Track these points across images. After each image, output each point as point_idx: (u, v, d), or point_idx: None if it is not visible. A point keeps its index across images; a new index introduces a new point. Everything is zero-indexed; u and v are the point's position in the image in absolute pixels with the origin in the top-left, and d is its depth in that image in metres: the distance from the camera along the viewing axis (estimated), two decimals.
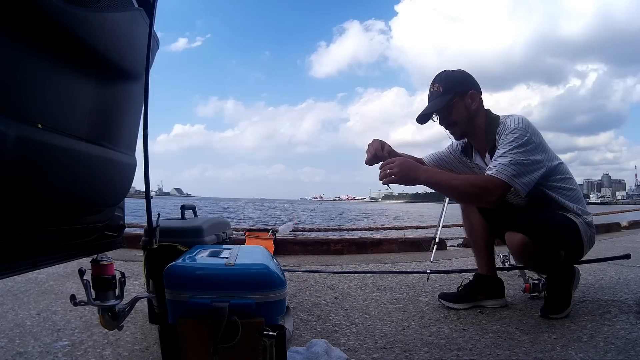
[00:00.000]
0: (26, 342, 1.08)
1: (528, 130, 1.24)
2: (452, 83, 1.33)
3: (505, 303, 1.46)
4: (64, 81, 0.69)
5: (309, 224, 7.47)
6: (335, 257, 2.90)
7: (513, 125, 1.25)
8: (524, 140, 1.21)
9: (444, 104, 1.32)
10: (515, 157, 1.19)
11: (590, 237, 1.36)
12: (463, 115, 1.34)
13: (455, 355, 1.03)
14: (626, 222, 4.69)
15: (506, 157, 1.20)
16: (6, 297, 1.52)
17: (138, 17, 0.89)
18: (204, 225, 1.19)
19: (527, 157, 1.21)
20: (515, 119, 1.28)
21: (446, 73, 1.36)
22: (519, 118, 1.28)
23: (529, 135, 1.23)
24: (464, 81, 1.35)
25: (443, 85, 1.33)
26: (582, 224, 1.32)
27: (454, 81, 1.34)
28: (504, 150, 1.22)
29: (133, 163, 0.98)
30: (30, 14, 0.57)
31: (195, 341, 0.68)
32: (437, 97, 1.34)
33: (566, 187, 1.35)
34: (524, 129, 1.24)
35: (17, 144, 0.56)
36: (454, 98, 1.32)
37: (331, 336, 1.17)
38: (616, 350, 1.02)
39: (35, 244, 0.71)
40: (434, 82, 1.36)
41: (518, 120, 1.27)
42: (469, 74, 1.39)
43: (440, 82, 1.34)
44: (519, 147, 1.21)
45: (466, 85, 1.34)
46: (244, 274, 0.72)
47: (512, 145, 1.21)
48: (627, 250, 1.98)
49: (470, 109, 1.34)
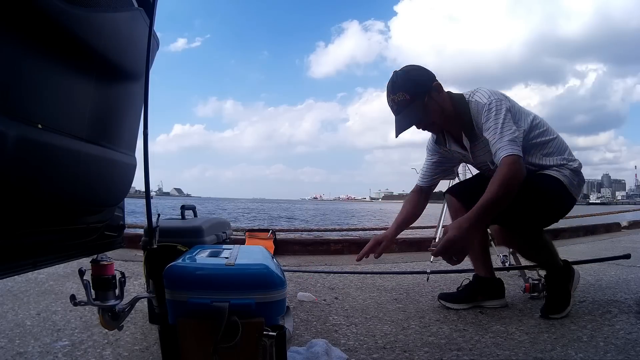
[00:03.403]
0: (26, 342, 1.08)
1: (499, 97, 1.24)
2: (416, 85, 1.26)
3: (506, 303, 1.46)
4: (63, 81, 0.69)
5: (309, 223, 7.47)
6: (335, 257, 2.90)
7: (486, 99, 1.23)
8: (503, 110, 1.21)
9: (420, 111, 1.26)
10: (509, 130, 1.18)
11: (578, 183, 1.35)
12: (438, 112, 1.29)
13: (455, 355, 1.03)
14: (626, 222, 4.69)
15: (505, 134, 1.18)
16: (6, 297, 1.52)
17: (138, 17, 0.89)
18: (204, 225, 1.19)
19: (513, 124, 1.21)
20: (483, 93, 1.26)
21: (402, 77, 1.27)
22: (485, 92, 1.26)
23: (503, 103, 1.23)
24: (424, 77, 1.29)
25: (408, 92, 1.24)
26: (565, 176, 1.30)
27: (416, 82, 1.26)
28: (497, 127, 1.20)
29: (133, 163, 0.98)
30: (30, 14, 0.57)
31: (195, 341, 0.68)
32: (407, 106, 1.25)
33: (545, 141, 1.33)
34: (497, 100, 1.23)
35: (17, 144, 0.56)
36: (425, 99, 1.26)
37: (331, 336, 1.17)
38: (616, 350, 1.02)
39: (35, 244, 0.71)
40: (395, 91, 1.26)
41: (487, 93, 1.25)
42: (420, 66, 1.33)
43: (402, 88, 1.25)
44: (505, 119, 1.20)
45: (428, 81, 1.28)
46: (244, 274, 0.72)
47: (500, 121, 1.20)
48: (627, 250, 1.98)
49: (441, 103, 1.29)
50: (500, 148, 1.17)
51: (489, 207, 1.12)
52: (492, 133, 1.20)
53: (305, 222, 17.17)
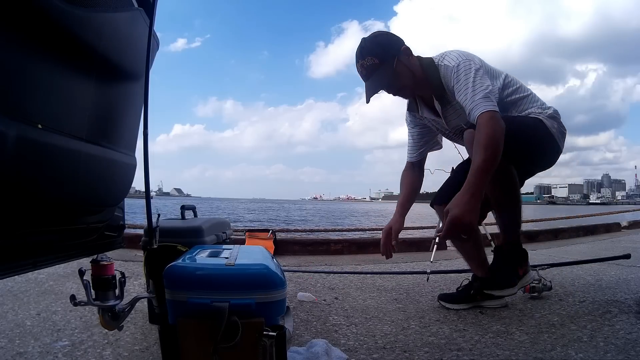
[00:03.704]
0: (26, 342, 1.08)
1: (467, 57, 1.22)
2: (384, 49, 1.25)
3: (506, 303, 1.46)
4: (64, 81, 0.69)
5: (309, 223, 7.47)
6: (335, 257, 2.90)
7: (454, 62, 1.22)
8: (473, 69, 1.19)
9: (390, 74, 1.25)
10: (481, 87, 1.16)
11: (558, 128, 1.35)
12: (407, 75, 1.28)
13: (455, 355, 1.03)
14: (626, 222, 4.68)
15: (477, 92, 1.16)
16: (6, 297, 1.52)
17: (138, 17, 0.89)
18: (204, 225, 1.19)
19: (485, 80, 1.19)
20: (451, 57, 1.24)
21: (370, 42, 1.26)
22: (454, 53, 1.25)
23: (473, 62, 1.21)
24: (392, 41, 1.28)
25: (377, 56, 1.23)
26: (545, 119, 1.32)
27: (385, 46, 1.25)
28: (467, 87, 1.17)
29: (133, 163, 0.98)
30: (30, 14, 0.57)
31: (195, 341, 0.68)
32: (376, 70, 1.24)
33: (519, 97, 1.34)
34: (465, 60, 1.21)
35: (17, 144, 0.56)
36: (394, 63, 1.24)
37: (331, 336, 1.17)
38: (616, 350, 1.02)
39: (35, 244, 0.71)
40: (364, 56, 1.25)
41: (455, 56, 1.24)
42: (388, 31, 1.31)
43: (371, 53, 1.24)
44: (475, 77, 1.18)
45: (396, 44, 1.27)
46: (244, 274, 0.72)
47: (470, 80, 1.17)
48: (627, 250, 1.98)
49: (411, 66, 1.28)
50: (474, 107, 1.15)
51: (481, 172, 1.09)
52: (464, 94, 1.18)
53: (305, 222, 17.17)
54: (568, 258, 2.46)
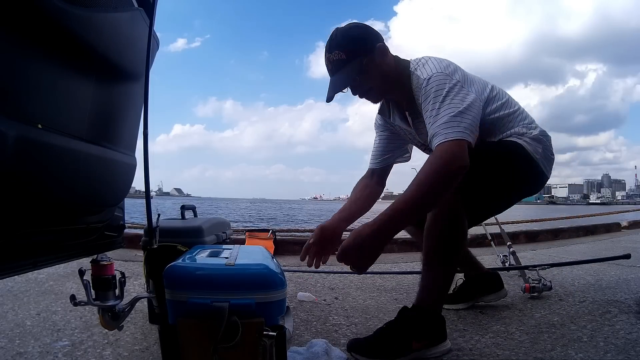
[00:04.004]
0: (26, 342, 1.08)
1: (444, 70, 1.03)
2: (355, 44, 1.07)
3: (505, 294, 1.44)
4: (64, 81, 0.69)
5: (309, 223, 7.47)
6: (335, 257, 2.90)
7: (427, 74, 1.03)
8: (447, 86, 1.00)
9: (355, 73, 1.08)
10: (449, 109, 0.96)
11: (544, 153, 1.18)
12: (377, 77, 1.11)
13: (455, 355, 1.03)
14: (626, 222, 4.68)
15: (442, 115, 0.96)
16: (6, 297, 1.52)
17: (138, 17, 0.89)
18: (204, 225, 1.20)
19: (460, 101, 0.98)
20: (426, 67, 1.05)
21: (342, 34, 1.09)
22: (431, 63, 1.06)
23: (449, 77, 1.02)
24: (366, 36, 1.10)
25: (345, 50, 1.06)
26: (526, 142, 1.15)
27: (356, 41, 1.08)
28: (434, 109, 0.99)
29: (133, 163, 0.98)
30: (30, 14, 0.57)
31: (195, 341, 0.68)
32: (342, 67, 1.07)
33: (506, 114, 1.17)
34: (439, 74, 1.02)
35: (17, 144, 0.56)
36: (363, 61, 1.07)
37: (331, 336, 1.17)
38: (616, 350, 1.02)
39: (35, 244, 0.71)
40: (331, 49, 1.08)
41: (430, 66, 1.05)
42: (365, 25, 1.13)
43: (339, 46, 1.07)
44: (447, 97, 0.98)
45: (370, 40, 1.10)
46: (244, 274, 0.72)
47: (438, 100, 0.99)
48: (627, 250, 1.98)
49: (384, 66, 1.10)
50: (435, 134, 0.96)
51: (399, 211, 0.90)
52: (429, 115, 1.00)
53: (305, 222, 17.16)
54: (568, 258, 2.46)
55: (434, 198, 0.92)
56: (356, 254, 0.91)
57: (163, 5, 0.89)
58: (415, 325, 1.02)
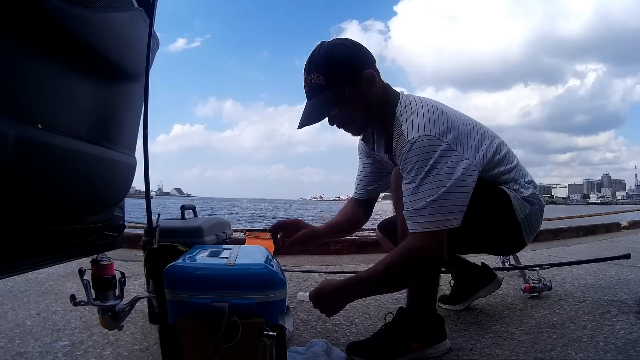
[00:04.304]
0: (26, 342, 1.08)
1: (433, 131, 0.88)
2: (338, 68, 0.91)
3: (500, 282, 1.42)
4: (64, 81, 0.69)
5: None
6: (335, 257, 2.90)
7: (412, 134, 0.88)
8: (433, 156, 0.86)
9: (334, 103, 0.94)
10: (430, 189, 0.85)
11: (528, 215, 1.05)
12: (359, 108, 0.96)
13: (455, 355, 1.03)
14: (626, 222, 4.68)
15: (420, 197, 0.86)
16: (6, 297, 1.52)
17: (138, 17, 0.89)
18: (204, 225, 1.20)
19: (446, 177, 0.86)
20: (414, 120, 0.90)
21: (324, 53, 0.92)
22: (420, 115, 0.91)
23: (437, 141, 0.87)
24: (352, 60, 0.93)
25: (325, 74, 0.91)
26: (515, 197, 1.04)
27: (339, 65, 0.91)
28: (414, 182, 0.87)
29: (133, 163, 0.98)
30: (30, 14, 0.57)
31: (195, 341, 0.68)
32: (318, 94, 0.93)
33: (502, 171, 1.04)
34: (427, 137, 0.87)
35: (17, 144, 0.56)
36: (345, 90, 0.92)
37: (331, 336, 1.17)
38: (616, 350, 1.02)
39: (35, 244, 0.72)
40: (310, 69, 0.93)
41: (419, 122, 0.90)
42: (356, 44, 0.95)
43: (319, 68, 0.91)
44: (431, 170, 0.86)
45: (356, 66, 0.93)
46: (244, 274, 0.72)
47: (420, 174, 0.86)
48: (627, 250, 1.98)
49: (369, 97, 0.95)
50: (409, 218, 0.88)
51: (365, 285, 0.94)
52: (406, 188, 0.89)
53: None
54: (568, 258, 2.46)
55: (399, 284, 0.97)
56: (319, 304, 0.98)
57: (163, 5, 0.89)
58: (412, 325, 1.02)
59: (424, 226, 0.86)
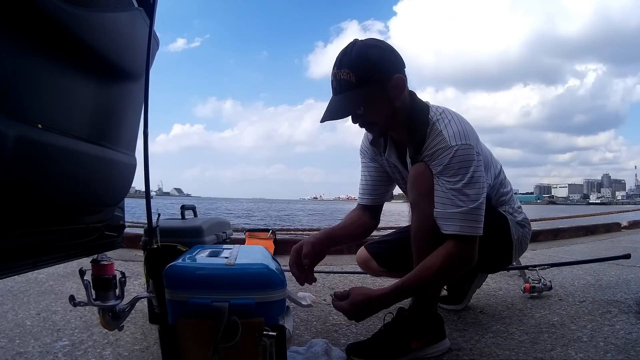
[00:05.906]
0: (26, 342, 1.08)
1: (469, 139, 0.92)
2: (369, 69, 0.91)
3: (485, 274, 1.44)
4: (64, 81, 0.69)
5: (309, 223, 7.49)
6: (335, 257, 2.90)
7: (454, 140, 0.91)
8: (473, 165, 0.91)
9: (363, 102, 0.94)
10: (471, 196, 0.90)
11: (521, 239, 1.17)
12: (385, 112, 0.96)
13: (455, 355, 1.03)
14: (626, 222, 4.68)
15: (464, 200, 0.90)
16: (6, 297, 1.52)
17: (138, 17, 0.89)
18: (204, 225, 1.20)
19: (479, 190, 0.91)
20: (452, 128, 0.93)
21: (358, 51, 0.91)
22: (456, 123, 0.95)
23: (475, 152, 0.92)
24: (385, 62, 0.93)
25: (355, 73, 0.91)
26: (511, 221, 1.14)
27: (372, 66, 0.91)
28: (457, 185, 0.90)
29: (133, 163, 0.98)
30: (30, 14, 0.57)
31: (195, 341, 0.68)
32: (347, 90, 0.92)
33: (503, 193, 1.16)
34: (467, 146, 0.91)
35: (17, 144, 0.56)
36: (373, 91, 0.93)
37: (331, 336, 1.17)
38: (616, 350, 1.03)
39: (35, 244, 0.72)
40: (342, 65, 0.92)
41: (456, 129, 0.93)
42: (389, 47, 0.95)
43: (351, 66, 0.91)
44: (472, 179, 0.90)
45: (388, 69, 0.93)
46: (244, 274, 0.72)
47: (463, 180, 0.90)
48: (627, 250, 1.98)
49: (397, 102, 0.96)
50: (451, 219, 0.90)
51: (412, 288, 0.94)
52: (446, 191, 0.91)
53: (305, 222, 17.17)
54: (568, 258, 2.46)
55: (441, 284, 1.03)
56: (363, 313, 0.95)
57: (163, 5, 0.90)
58: (412, 325, 1.03)
59: (469, 231, 0.90)
